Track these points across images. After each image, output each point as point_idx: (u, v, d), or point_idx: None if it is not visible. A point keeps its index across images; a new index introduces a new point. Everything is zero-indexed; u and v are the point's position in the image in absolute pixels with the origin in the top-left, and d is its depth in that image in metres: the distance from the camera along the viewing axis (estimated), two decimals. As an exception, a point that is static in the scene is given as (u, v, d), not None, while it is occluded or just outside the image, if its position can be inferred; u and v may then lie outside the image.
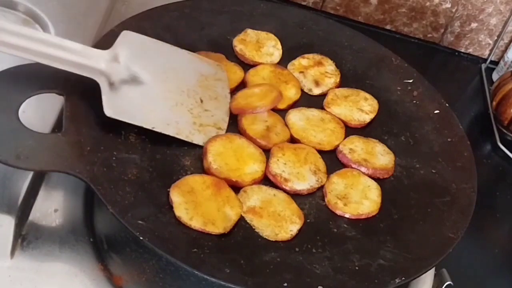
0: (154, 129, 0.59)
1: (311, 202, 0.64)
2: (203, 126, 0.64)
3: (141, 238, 0.53)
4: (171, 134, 0.60)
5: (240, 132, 0.67)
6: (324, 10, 1.15)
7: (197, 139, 0.63)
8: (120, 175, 0.58)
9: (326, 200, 0.64)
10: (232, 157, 0.64)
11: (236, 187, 0.62)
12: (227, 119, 0.67)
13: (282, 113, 0.71)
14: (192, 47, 0.73)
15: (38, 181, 0.65)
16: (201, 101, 0.65)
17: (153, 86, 0.59)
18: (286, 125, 0.70)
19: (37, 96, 0.60)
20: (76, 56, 0.56)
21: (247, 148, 0.65)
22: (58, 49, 0.56)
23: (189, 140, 0.62)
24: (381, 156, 0.70)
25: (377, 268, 0.58)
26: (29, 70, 0.61)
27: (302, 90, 0.75)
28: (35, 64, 0.62)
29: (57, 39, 0.57)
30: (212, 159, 0.62)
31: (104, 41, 0.67)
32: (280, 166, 0.65)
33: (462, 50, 1.19)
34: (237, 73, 0.73)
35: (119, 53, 0.59)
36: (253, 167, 0.63)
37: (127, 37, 0.62)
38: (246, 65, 0.75)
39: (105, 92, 0.57)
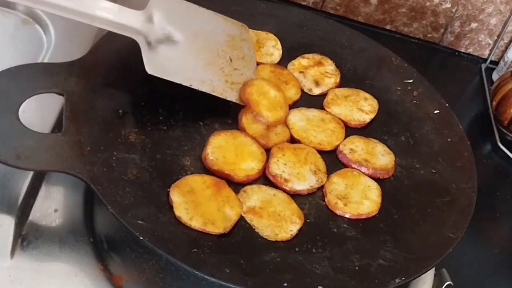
0: (191, 86, 0.61)
1: (311, 202, 0.64)
2: (235, 84, 0.67)
3: (141, 238, 0.53)
4: (207, 91, 0.62)
5: (240, 130, 0.67)
6: (324, 10, 1.15)
7: (231, 96, 0.66)
8: (120, 175, 0.58)
9: (326, 200, 0.64)
10: (231, 152, 0.64)
11: (229, 182, 0.61)
12: (253, 75, 0.70)
13: (282, 113, 0.71)
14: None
15: (38, 181, 0.65)
16: (231, 60, 0.67)
17: (186, 45, 0.62)
18: (287, 125, 0.70)
19: (37, 96, 0.60)
20: (113, 15, 0.59)
21: (249, 146, 0.65)
22: (95, 9, 0.58)
23: (224, 97, 0.64)
24: (382, 156, 0.70)
25: (377, 268, 0.58)
26: (29, 70, 0.61)
27: (302, 90, 0.75)
28: (35, 64, 0.62)
29: None
30: (211, 151, 0.63)
31: (105, 41, 0.67)
32: (280, 166, 0.65)
33: (462, 50, 1.19)
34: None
35: (153, 14, 0.61)
36: (249, 165, 0.64)
37: (161, 1, 0.64)
38: (246, 65, 0.75)
39: (144, 50, 0.59)
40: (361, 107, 0.75)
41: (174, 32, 0.62)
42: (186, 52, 0.62)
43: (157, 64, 0.59)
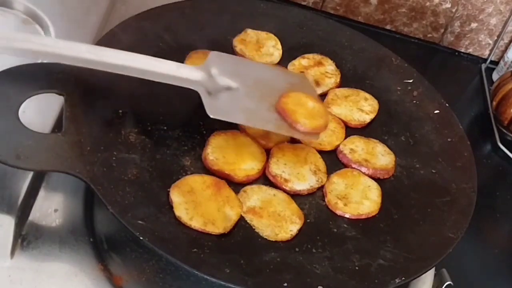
0: (256, 126, 0.65)
1: (311, 202, 0.64)
2: None
3: (141, 238, 0.53)
4: (272, 130, 0.65)
5: (240, 130, 0.67)
6: (324, 10, 1.15)
7: (297, 134, 0.67)
8: (120, 175, 0.58)
9: (326, 200, 0.64)
10: (231, 152, 0.64)
11: (229, 182, 0.61)
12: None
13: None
14: (192, 47, 0.73)
15: (38, 181, 0.65)
16: None
17: (247, 92, 0.65)
18: (286, 125, 0.70)
19: (37, 96, 0.60)
20: (174, 72, 0.63)
21: (250, 147, 0.65)
22: (158, 68, 0.63)
23: (290, 135, 0.66)
24: (382, 157, 0.70)
25: (377, 268, 0.58)
26: (29, 70, 0.61)
27: (302, 90, 0.75)
28: (35, 64, 0.62)
29: (155, 60, 0.63)
30: (211, 150, 0.63)
31: (105, 41, 0.67)
32: (280, 166, 0.65)
33: (462, 50, 1.19)
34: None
35: (210, 68, 0.65)
36: (250, 165, 0.64)
37: (216, 56, 0.68)
38: (246, 65, 0.75)
39: (204, 97, 0.62)
40: (361, 107, 0.75)
41: (232, 82, 0.65)
42: (248, 97, 0.65)
43: (218, 108, 0.62)
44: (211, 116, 0.61)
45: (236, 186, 0.62)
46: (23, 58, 0.59)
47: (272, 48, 0.78)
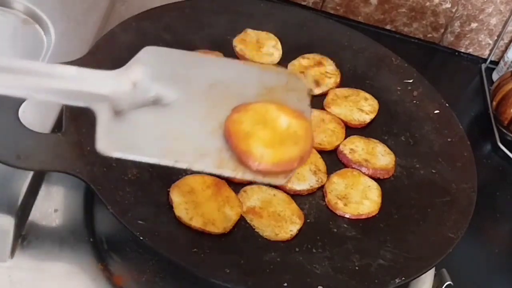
0: (176, 165, 0.44)
1: (311, 202, 0.64)
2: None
3: (141, 238, 0.53)
4: (207, 171, 0.45)
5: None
6: (324, 10, 1.15)
7: (248, 175, 0.45)
8: (120, 175, 0.58)
9: (326, 200, 0.64)
10: None
11: (229, 182, 0.61)
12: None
13: (282, 113, 0.71)
14: (192, 47, 0.73)
15: (38, 181, 0.65)
16: None
17: (185, 106, 0.45)
18: (286, 125, 0.70)
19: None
20: (69, 82, 0.44)
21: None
22: (44, 78, 0.44)
23: (237, 176, 0.45)
24: (382, 157, 0.70)
25: (377, 268, 0.58)
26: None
27: (302, 90, 0.75)
28: (35, 64, 0.62)
29: (44, 65, 0.46)
30: None
31: (105, 41, 0.67)
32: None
33: (462, 50, 1.19)
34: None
35: (135, 71, 0.46)
36: None
37: (149, 52, 0.48)
38: (246, 65, 0.75)
39: (102, 121, 0.43)
40: (361, 107, 0.75)
41: (167, 90, 0.45)
42: (187, 113, 0.45)
43: (119, 137, 0.43)
44: (101, 151, 0.44)
45: (236, 186, 0.62)
46: (24, 58, 0.59)
47: (272, 48, 0.78)
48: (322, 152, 0.68)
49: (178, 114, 0.46)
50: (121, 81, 0.46)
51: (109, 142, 0.43)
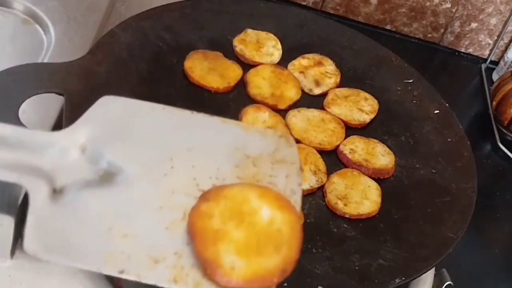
0: (121, 276, 0.34)
1: (311, 202, 0.64)
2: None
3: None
4: (161, 284, 0.34)
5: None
6: (324, 10, 1.15)
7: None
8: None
9: (326, 200, 0.64)
10: None
11: None
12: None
13: (282, 113, 0.71)
14: (192, 47, 0.73)
15: (38, 181, 0.65)
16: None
17: (140, 188, 0.36)
18: (287, 125, 0.70)
19: (37, 96, 0.59)
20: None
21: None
22: None
23: None
24: (382, 157, 0.70)
25: (377, 268, 0.58)
26: (29, 70, 0.61)
27: (302, 90, 0.75)
28: (35, 64, 0.62)
29: None
30: None
31: (105, 41, 0.67)
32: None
33: (462, 50, 1.19)
34: (236, 71, 0.73)
35: (85, 131, 0.37)
36: None
37: (105, 105, 0.39)
38: (246, 65, 0.75)
39: (35, 209, 0.35)
40: (361, 107, 0.75)
41: (119, 163, 0.36)
42: (136, 203, 0.35)
43: (56, 233, 0.34)
44: (29, 254, 0.35)
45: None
46: (23, 58, 0.59)
47: (272, 48, 0.78)
48: (322, 152, 0.68)
49: (129, 199, 0.36)
50: (67, 145, 0.37)
51: (40, 240, 0.34)
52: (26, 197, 0.60)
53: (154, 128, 0.40)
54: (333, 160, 0.69)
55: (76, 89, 0.61)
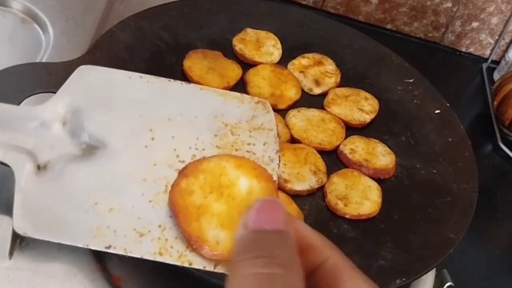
0: (108, 251, 0.36)
1: (311, 202, 0.64)
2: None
3: (139, 238, 0.52)
4: (146, 257, 0.35)
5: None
6: (324, 9, 1.15)
7: (201, 261, 0.35)
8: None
9: (326, 200, 0.64)
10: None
11: None
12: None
13: (282, 113, 0.71)
14: (191, 47, 0.73)
15: (37, 181, 0.65)
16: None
17: (122, 161, 0.36)
18: (287, 125, 0.69)
19: (35, 96, 0.59)
20: None
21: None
22: None
23: (184, 265, 0.35)
24: (382, 157, 0.69)
25: (378, 269, 0.58)
26: (27, 70, 0.60)
27: (302, 90, 0.75)
28: (35, 63, 0.62)
29: None
30: None
31: (103, 41, 0.67)
32: (280, 166, 0.64)
33: (463, 50, 1.19)
34: (235, 71, 0.73)
35: (63, 103, 0.37)
36: None
37: (84, 77, 0.39)
38: (246, 65, 0.75)
39: (21, 187, 0.35)
40: (362, 107, 0.74)
41: (100, 135, 0.36)
42: (119, 176, 0.36)
43: (44, 212, 0.35)
44: (19, 233, 0.36)
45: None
46: (21, 57, 0.59)
47: (272, 47, 0.78)
48: (322, 152, 0.68)
49: (113, 173, 0.36)
50: (48, 118, 0.37)
51: (28, 219, 0.35)
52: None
53: (133, 98, 0.40)
54: (333, 160, 0.68)
55: (75, 88, 0.61)
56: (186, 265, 0.35)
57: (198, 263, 0.35)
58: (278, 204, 0.32)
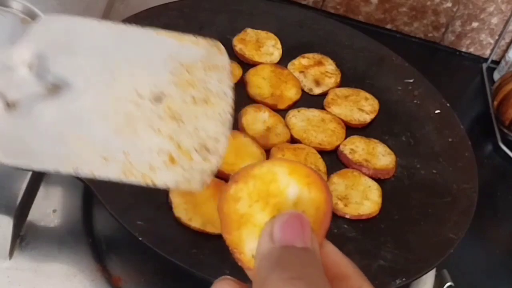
0: (76, 173, 0.38)
1: (311, 202, 0.63)
2: (185, 154, 0.39)
3: (140, 238, 0.52)
4: (112, 178, 0.38)
5: (240, 130, 0.67)
6: (324, 10, 1.15)
7: (163, 179, 0.38)
8: (119, 175, 0.58)
9: (326, 200, 0.64)
10: (231, 152, 0.63)
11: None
12: (226, 134, 0.42)
13: (282, 113, 0.71)
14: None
15: (37, 181, 0.65)
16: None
17: (86, 97, 0.39)
18: (287, 125, 0.69)
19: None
20: None
21: (249, 147, 0.65)
22: None
23: (148, 184, 0.38)
24: (382, 157, 0.69)
25: (378, 269, 0.58)
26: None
27: (302, 90, 0.75)
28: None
29: None
30: None
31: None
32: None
33: (463, 50, 1.19)
34: (235, 71, 0.73)
35: (28, 49, 0.40)
36: None
37: (48, 25, 0.43)
38: (246, 65, 0.75)
39: None
40: (362, 107, 0.74)
41: (66, 74, 0.39)
42: (84, 107, 0.39)
43: (14, 140, 0.37)
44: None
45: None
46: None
47: (272, 47, 0.78)
48: (322, 152, 0.68)
49: (79, 108, 0.39)
50: (13, 62, 0.40)
51: (0, 147, 0.37)
52: (24, 198, 0.60)
53: (94, 42, 0.43)
54: (333, 160, 0.68)
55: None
56: (150, 184, 0.37)
57: (160, 182, 0.38)
58: (304, 219, 0.32)
